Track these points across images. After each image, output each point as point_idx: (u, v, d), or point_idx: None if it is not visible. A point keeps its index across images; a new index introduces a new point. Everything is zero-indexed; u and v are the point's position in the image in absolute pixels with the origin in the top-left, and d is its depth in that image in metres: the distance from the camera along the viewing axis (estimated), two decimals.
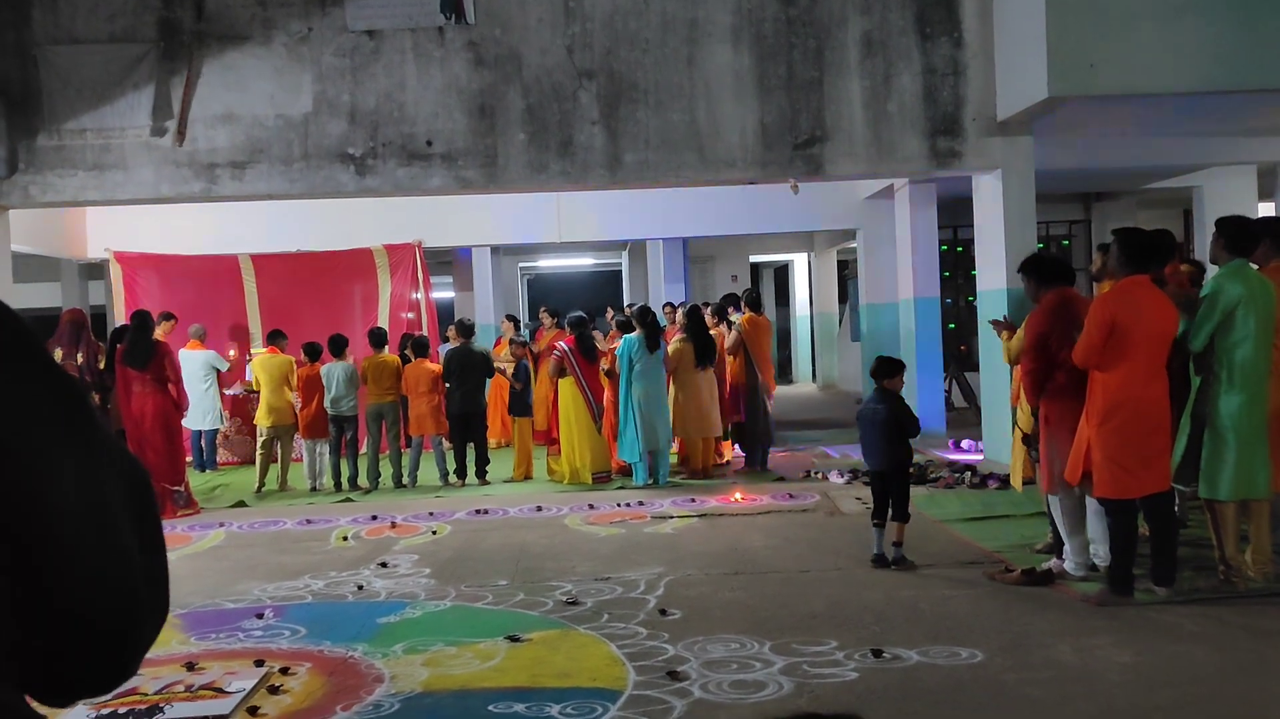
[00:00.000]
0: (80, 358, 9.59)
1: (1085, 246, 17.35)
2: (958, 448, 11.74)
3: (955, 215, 15.13)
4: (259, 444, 11.25)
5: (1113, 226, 8.78)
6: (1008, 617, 5.49)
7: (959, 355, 16.08)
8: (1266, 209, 14.43)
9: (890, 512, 6.67)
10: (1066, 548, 6.16)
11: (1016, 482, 7.65)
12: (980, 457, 10.94)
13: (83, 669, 0.98)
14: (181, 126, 9.77)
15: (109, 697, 4.52)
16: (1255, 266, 5.93)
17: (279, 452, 11.13)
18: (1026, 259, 6.62)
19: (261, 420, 11.15)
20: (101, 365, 9.78)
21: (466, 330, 11.39)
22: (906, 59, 9.91)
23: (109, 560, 0.97)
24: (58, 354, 9.59)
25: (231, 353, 13.06)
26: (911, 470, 7.24)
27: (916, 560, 6.59)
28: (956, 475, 9.69)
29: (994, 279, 10.17)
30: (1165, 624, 5.23)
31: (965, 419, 14.07)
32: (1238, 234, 5.85)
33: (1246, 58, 8.64)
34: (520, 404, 11.21)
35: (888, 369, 6.75)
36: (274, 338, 11.56)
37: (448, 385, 10.97)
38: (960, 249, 17.15)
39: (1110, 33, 8.63)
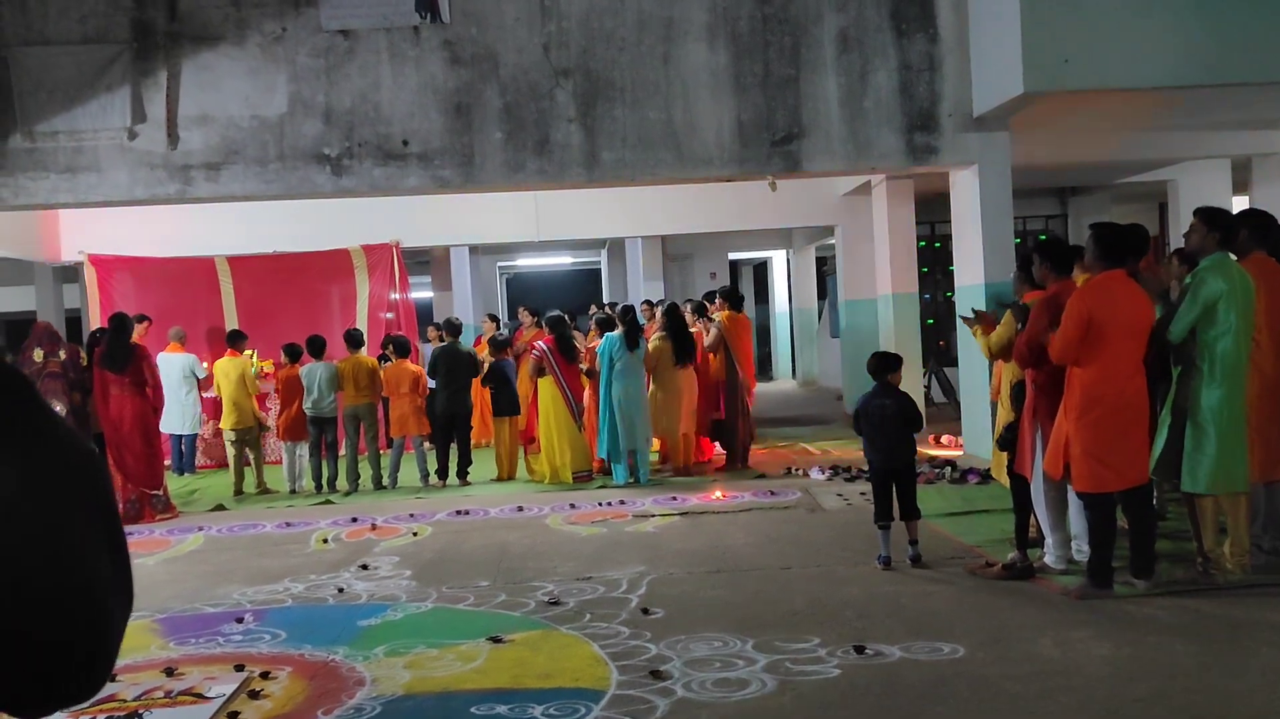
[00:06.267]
0: (63, 354, 9.49)
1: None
2: (938, 443, 11.79)
3: (932, 211, 15.18)
4: (229, 447, 11.21)
5: (1089, 221, 8.84)
6: (988, 611, 5.51)
7: (938, 351, 16.15)
8: (1241, 202, 14.54)
9: (900, 511, 6.57)
10: (1046, 541, 6.19)
11: (1001, 475, 7.67)
12: (960, 452, 10.99)
13: (38, 688, 0.91)
14: (171, 129, 9.70)
15: (86, 704, 4.48)
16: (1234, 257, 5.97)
17: (249, 453, 11.07)
18: (1044, 242, 6.58)
19: (225, 424, 11.10)
20: (85, 363, 9.68)
21: (454, 329, 11.34)
22: (882, 55, 9.93)
23: (58, 570, 0.90)
24: (38, 354, 9.48)
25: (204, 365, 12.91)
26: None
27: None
28: (937, 471, 9.72)
29: (972, 274, 10.21)
30: (1144, 617, 5.26)
31: (945, 414, 14.11)
32: (1217, 224, 5.88)
33: (1218, 52, 8.71)
34: (505, 404, 11.13)
35: (889, 364, 6.71)
36: (233, 339, 11.51)
37: (433, 385, 10.92)
38: (938, 245, 17.22)
39: (1084, 28, 8.68)
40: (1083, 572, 5.80)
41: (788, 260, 23.19)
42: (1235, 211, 6.47)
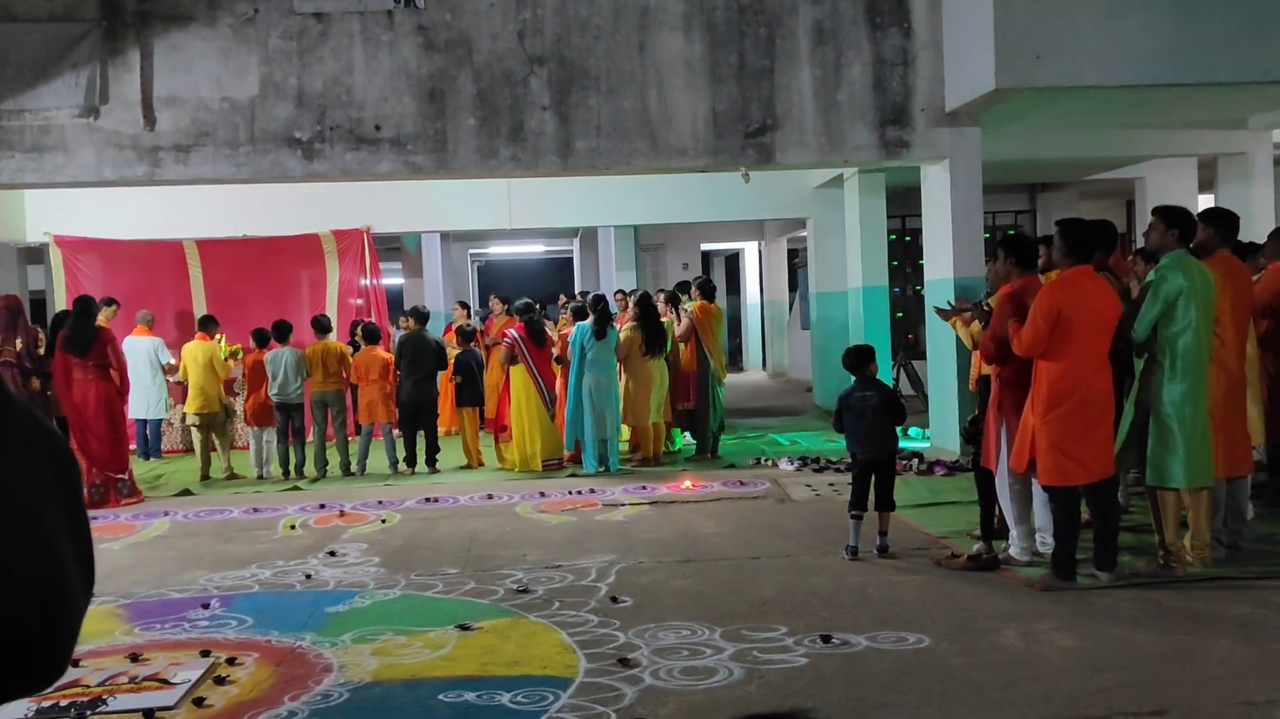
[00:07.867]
0: (19, 343, 9.40)
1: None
2: (905, 435, 11.84)
3: (903, 205, 15.26)
4: (194, 432, 11.14)
5: (1057, 217, 8.90)
6: (954, 602, 5.56)
7: (907, 344, 16.24)
8: (1206, 201, 14.69)
9: (875, 501, 6.62)
10: (1011, 533, 6.25)
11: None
12: (927, 444, 11.07)
13: (4, 673, 0.89)
14: (147, 110, 9.58)
15: (49, 689, 4.44)
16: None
17: (215, 439, 11.00)
18: (1010, 238, 6.62)
19: (190, 408, 11.02)
20: (41, 351, 9.59)
21: (421, 317, 11.28)
22: (857, 49, 9.96)
23: (27, 555, 0.89)
24: None
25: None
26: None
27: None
28: (904, 463, 9.78)
29: (941, 268, 10.27)
30: (1107, 608, 5.33)
31: (912, 407, 14.18)
32: (1176, 222, 5.94)
33: (1188, 51, 8.79)
34: (467, 395, 11.08)
35: (866, 356, 6.78)
36: (205, 324, 11.43)
37: (399, 373, 10.88)
38: (908, 238, 17.31)
39: (1056, 25, 8.74)
40: (1047, 563, 5.87)
41: (760, 252, 23.24)
42: (1198, 210, 6.54)
